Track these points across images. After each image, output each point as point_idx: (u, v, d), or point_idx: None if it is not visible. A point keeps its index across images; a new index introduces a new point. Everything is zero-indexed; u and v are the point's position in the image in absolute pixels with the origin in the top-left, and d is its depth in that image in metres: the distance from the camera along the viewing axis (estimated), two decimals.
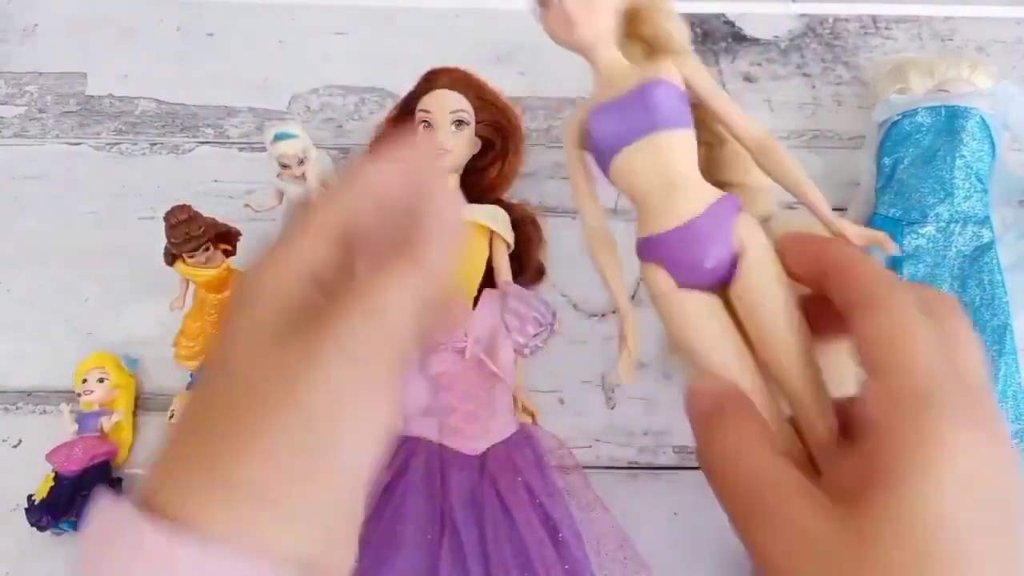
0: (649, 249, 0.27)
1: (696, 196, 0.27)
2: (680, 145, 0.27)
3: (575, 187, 0.30)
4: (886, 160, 0.55)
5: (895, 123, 0.55)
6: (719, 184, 0.28)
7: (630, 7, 0.30)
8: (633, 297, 0.29)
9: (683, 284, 0.26)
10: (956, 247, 0.52)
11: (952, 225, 0.52)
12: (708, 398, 0.24)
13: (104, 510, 0.18)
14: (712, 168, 0.30)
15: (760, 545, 0.21)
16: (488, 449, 0.48)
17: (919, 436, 0.19)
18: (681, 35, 0.31)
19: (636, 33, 0.31)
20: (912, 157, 0.54)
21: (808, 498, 0.20)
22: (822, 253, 0.25)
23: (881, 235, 0.27)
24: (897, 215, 0.53)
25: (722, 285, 0.26)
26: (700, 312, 0.26)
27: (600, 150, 0.28)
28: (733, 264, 0.26)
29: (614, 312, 0.28)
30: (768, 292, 0.26)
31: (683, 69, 0.28)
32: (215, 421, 0.19)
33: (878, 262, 0.24)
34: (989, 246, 0.52)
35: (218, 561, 0.17)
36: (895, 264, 0.53)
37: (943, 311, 0.23)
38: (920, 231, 0.53)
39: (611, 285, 0.30)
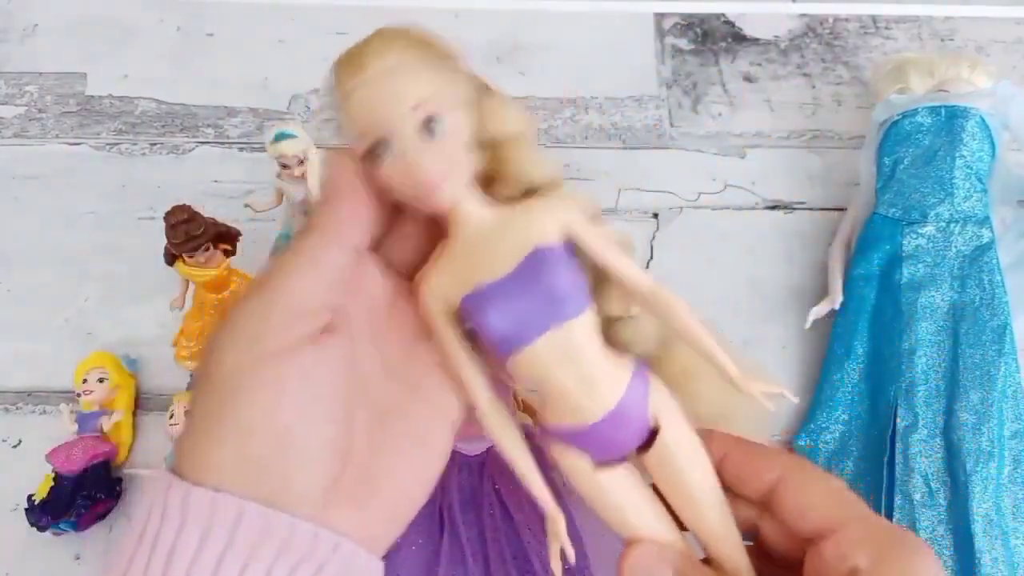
0: (564, 438, 0.25)
1: (612, 382, 0.25)
2: (588, 330, 0.24)
3: (450, 357, 0.25)
4: (886, 160, 0.55)
5: (895, 123, 0.55)
6: (607, 320, 0.26)
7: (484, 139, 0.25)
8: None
9: (599, 463, 0.25)
10: (956, 247, 0.52)
11: (952, 225, 0.52)
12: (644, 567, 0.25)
13: (152, 478, 0.22)
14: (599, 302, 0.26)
15: None
16: (488, 449, 0.48)
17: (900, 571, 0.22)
18: (544, 170, 0.26)
19: (492, 171, 0.26)
20: (912, 157, 0.54)
21: None
22: (764, 471, 0.25)
23: (778, 388, 0.25)
24: (897, 215, 0.53)
25: (637, 450, 0.26)
26: (622, 488, 0.26)
27: (492, 343, 0.24)
28: (648, 432, 0.25)
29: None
30: (689, 465, 0.25)
31: (561, 220, 0.24)
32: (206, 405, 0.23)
33: (832, 478, 0.25)
34: (989, 246, 0.52)
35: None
36: (895, 264, 0.53)
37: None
38: (920, 231, 0.53)
39: (531, 483, 0.26)
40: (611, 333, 0.26)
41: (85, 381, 0.52)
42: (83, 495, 0.48)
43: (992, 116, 0.54)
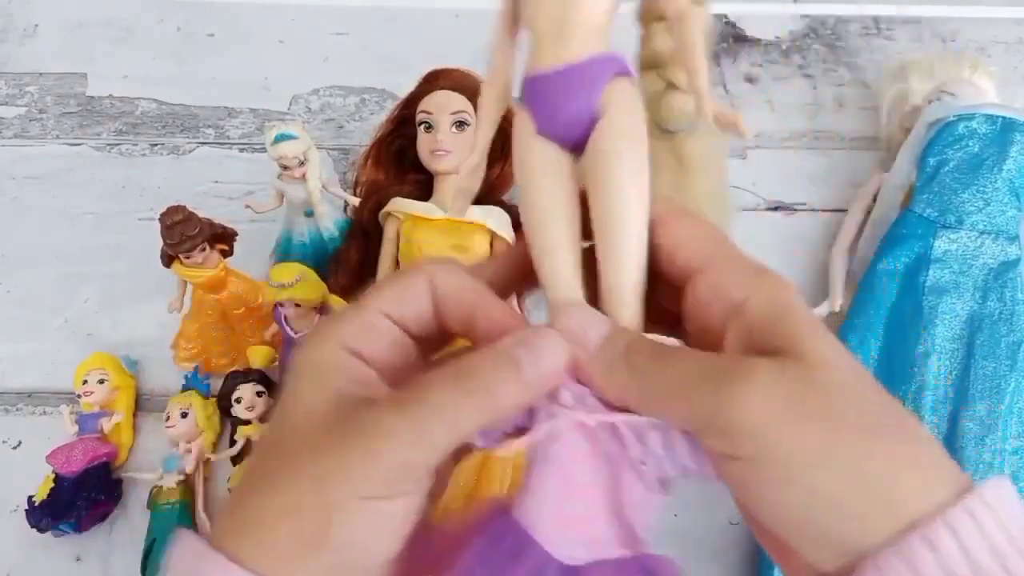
0: (523, 91, 0.25)
1: (582, 45, 0.24)
2: None
3: (502, 18, 0.26)
4: (931, 160, 0.54)
5: (949, 124, 0.54)
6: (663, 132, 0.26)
7: None
8: None
9: (540, 132, 0.25)
10: (984, 259, 0.52)
11: (984, 236, 0.52)
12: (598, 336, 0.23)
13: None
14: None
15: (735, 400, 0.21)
16: None
17: (776, 296, 0.22)
18: None
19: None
20: (958, 161, 0.53)
21: (746, 352, 0.22)
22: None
23: (736, 118, 0.26)
24: (933, 216, 0.53)
25: (567, 142, 0.25)
26: (544, 159, 0.25)
27: None
28: (591, 122, 0.24)
29: None
30: (616, 156, 0.24)
31: None
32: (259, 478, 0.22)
33: (702, 220, 0.25)
34: (1015, 263, 0.52)
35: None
36: (922, 265, 0.52)
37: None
38: (953, 236, 0.52)
39: (480, 129, 0.27)
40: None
41: (85, 382, 0.52)
42: (83, 496, 0.48)
43: None
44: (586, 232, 0.25)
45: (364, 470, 0.21)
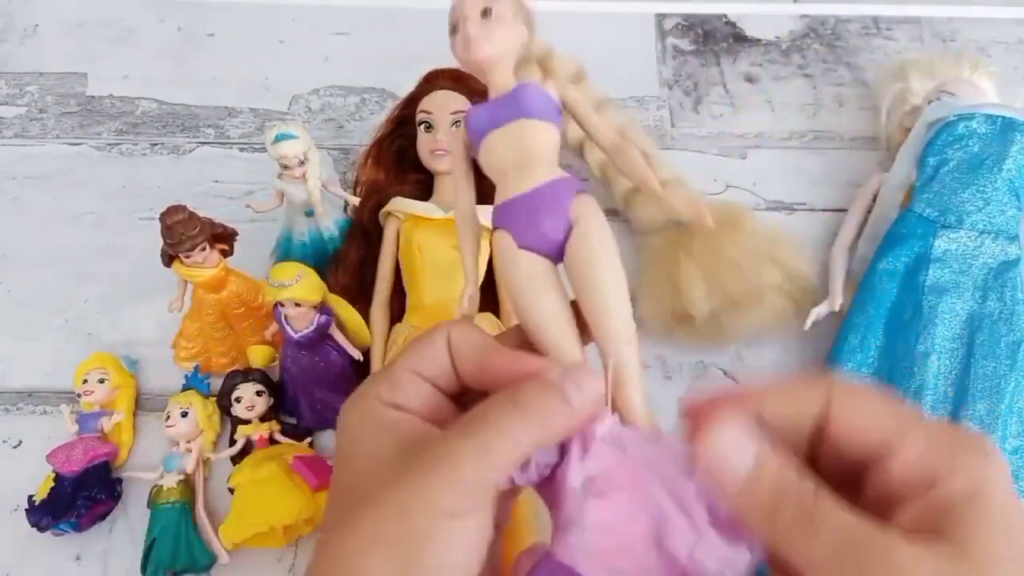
0: (497, 216, 0.29)
1: (544, 172, 0.29)
2: (541, 133, 0.30)
3: (458, 173, 0.33)
4: (931, 160, 0.54)
5: (949, 123, 0.54)
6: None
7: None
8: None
9: (522, 246, 0.28)
10: (983, 258, 0.52)
11: (984, 236, 0.52)
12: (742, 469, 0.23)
13: None
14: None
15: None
16: None
17: (975, 476, 0.21)
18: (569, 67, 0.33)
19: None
20: (958, 161, 0.53)
21: (903, 535, 0.21)
22: (811, 398, 0.24)
23: (700, 208, 0.30)
24: (933, 216, 0.53)
25: (550, 253, 0.29)
26: (533, 270, 0.28)
27: (473, 137, 0.31)
28: (566, 232, 0.28)
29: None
30: (594, 254, 0.27)
31: (557, 85, 0.31)
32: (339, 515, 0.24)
33: (882, 394, 0.24)
34: (1015, 263, 0.52)
35: None
36: (922, 264, 0.52)
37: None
38: (953, 236, 0.52)
39: (467, 262, 0.32)
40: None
41: (85, 382, 0.52)
42: (83, 496, 0.48)
43: None
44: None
45: (442, 491, 0.22)
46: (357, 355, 0.51)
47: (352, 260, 0.54)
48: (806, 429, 0.24)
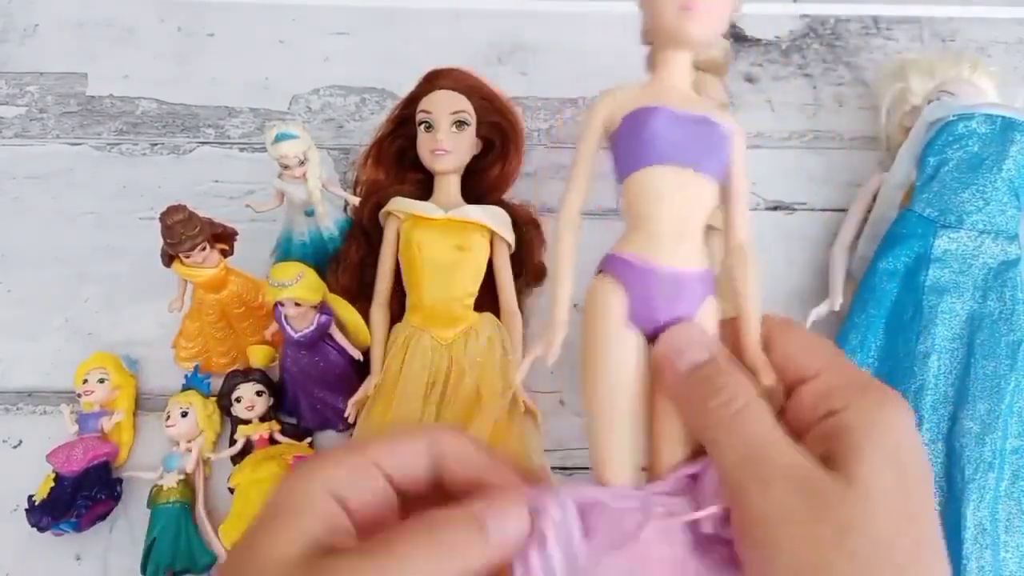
0: (626, 270, 0.26)
1: (692, 253, 0.27)
2: (710, 197, 0.27)
3: (580, 159, 0.28)
4: (931, 159, 0.54)
5: (949, 123, 0.54)
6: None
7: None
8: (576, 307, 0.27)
9: (630, 316, 0.26)
10: (983, 258, 0.52)
11: (984, 236, 0.52)
12: (697, 359, 0.26)
13: None
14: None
15: (755, 493, 0.23)
16: None
17: (873, 416, 0.23)
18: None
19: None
20: (958, 160, 0.53)
21: (801, 453, 0.23)
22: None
23: (771, 380, 0.26)
24: (933, 215, 0.53)
25: (649, 334, 0.26)
26: (632, 349, 0.26)
27: (638, 148, 0.26)
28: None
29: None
30: None
31: (736, 140, 0.27)
32: None
33: (816, 335, 0.27)
34: (1015, 263, 0.52)
35: None
36: (922, 264, 0.52)
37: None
38: (953, 236, 0.52)
39: (560, 288, 0.28)
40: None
41: (86, 381, 0.52)
42: (83, 495, 0.48)
43: None
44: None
45: None
46: (357, 355, 0.51)
47: (352, 260, 0.54)
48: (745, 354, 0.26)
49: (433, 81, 0.56)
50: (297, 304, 0.48)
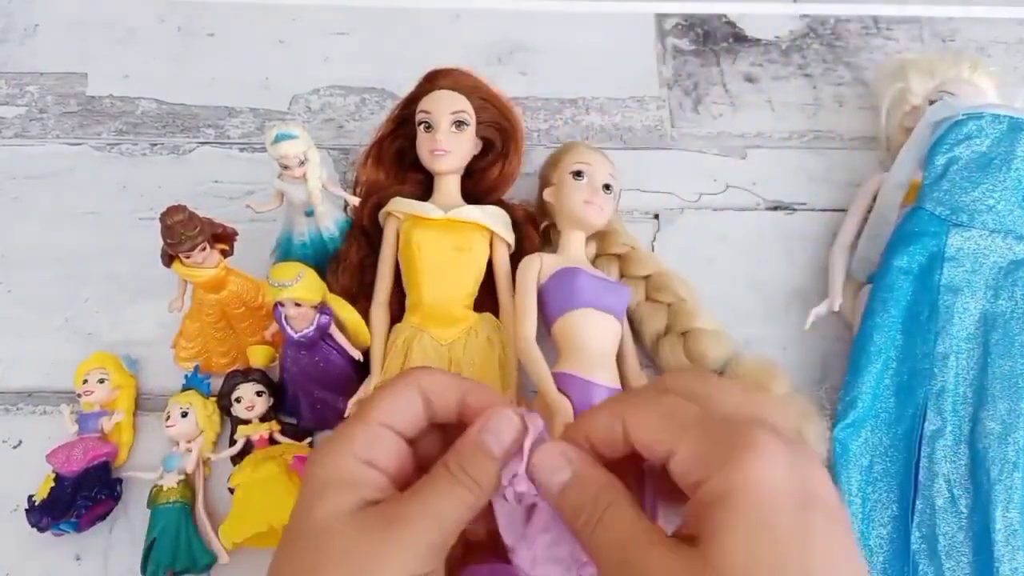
0: (572, 384, 0.44)
1: (610, 372, 0.46)
2: (617, 336, 0.48)
3: (524, 302, 0.47)
4: (939, 158, 0.54)
5: (957, 123, 0.54)
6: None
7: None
8: None
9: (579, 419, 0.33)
10: (994, 257, 0.52)
11: (994, 235, 0.52)
12: (561, 479, 0.27)
13: None
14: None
15: None
16: None
17: (732, 480, 0.23)
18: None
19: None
20: (967, 159, 0.53)
21: (663, 543, 0.24)
22: (613, 427, 0.28)
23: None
24: (944, 214, 0.53)
25: None
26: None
27: (570, 296, 0.47)
28: None
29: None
30: None
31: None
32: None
33: (662, 400, 0.27)
34: (1023, 262, 0.52)
35: None
36: (936, 263, 0.52)
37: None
38: (965, 234, 0.52)
39: (544, 382, 0.45)
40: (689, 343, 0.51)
41: (86, 382, 0.52)
42: (83, 496, 0.48)
43: None
44: None
45: (398, 555, 0.25)
46: (357, 355, 0.51)
47: (352, 260, 0.54)
48: (620, 446, 0.27)
49: (433, 81, 0.56)
50: (297, 304, 0.48)
